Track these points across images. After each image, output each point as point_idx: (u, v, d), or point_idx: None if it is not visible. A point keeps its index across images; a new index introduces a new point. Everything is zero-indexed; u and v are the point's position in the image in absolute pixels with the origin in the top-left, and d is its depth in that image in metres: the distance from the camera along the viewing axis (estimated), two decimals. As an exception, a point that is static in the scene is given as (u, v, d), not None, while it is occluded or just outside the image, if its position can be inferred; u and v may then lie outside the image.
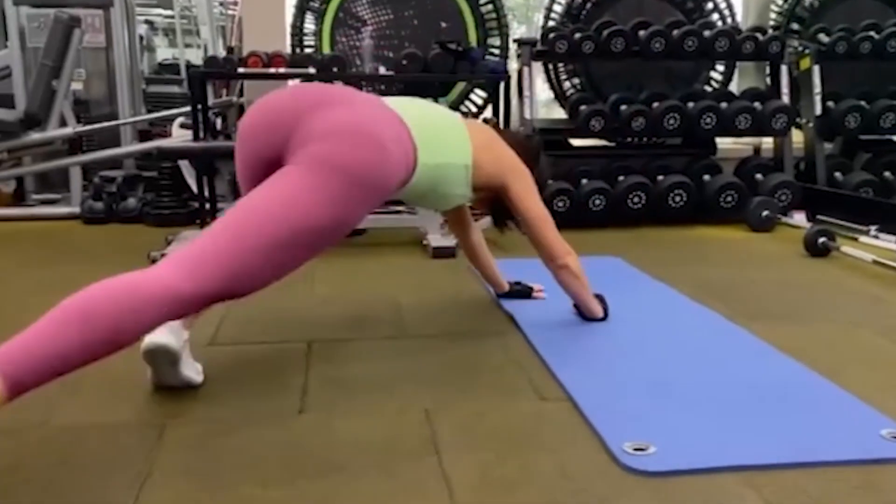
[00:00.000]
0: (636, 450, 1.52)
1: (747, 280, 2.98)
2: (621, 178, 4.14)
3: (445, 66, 4.11)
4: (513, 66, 4.51)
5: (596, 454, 1.53)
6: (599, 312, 2.36)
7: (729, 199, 4.10)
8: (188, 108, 4.17)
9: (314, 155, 1.69)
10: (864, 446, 1.54)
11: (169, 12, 10.35)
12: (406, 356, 2.12)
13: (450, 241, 3.38)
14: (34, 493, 1.38)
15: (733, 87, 5.02)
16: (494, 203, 2.31)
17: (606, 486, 1.41)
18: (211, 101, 4.35)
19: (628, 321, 2.37)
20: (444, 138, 2.04)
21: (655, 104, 4.23)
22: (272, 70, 4.01)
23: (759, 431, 1.61)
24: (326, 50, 4.47)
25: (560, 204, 3.98)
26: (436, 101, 4.14)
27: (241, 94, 4.63)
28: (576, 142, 4.60)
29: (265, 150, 1.79)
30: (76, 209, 4.28)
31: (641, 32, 4.23)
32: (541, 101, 5.40)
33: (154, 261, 3.22)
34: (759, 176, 4.30)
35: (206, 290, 1.53)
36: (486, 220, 2.53)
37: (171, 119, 4.60)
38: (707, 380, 1.90)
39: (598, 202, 4.02)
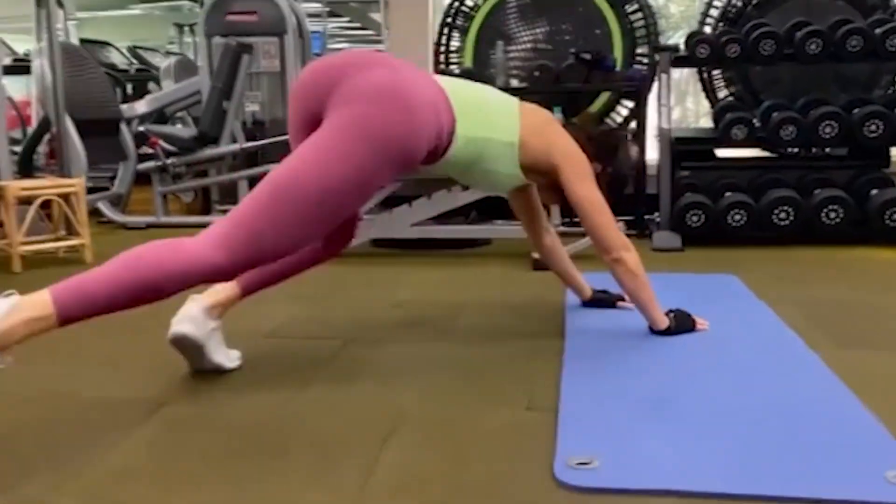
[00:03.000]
0: (580, 464, 1.41)
1: (868, 305, 2.62)
2: (770, 191, 3.81)
3: (578, 75, 4.04)
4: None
5: (539, 467, 1.44)
6: (661, 321, 2.19)
7: (896, 216, 3.62)
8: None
9: (346, 116, 1.75)
10: (854, 486, 1.32)
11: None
12: (426, 358, 2.12)
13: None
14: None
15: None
16: (559, 189, 2.18)
17: (523, 496, 1.33)
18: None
19: (689, 340, 2.18)
20: (488, 113, 2.02)
21: (813, 111, 3.84)
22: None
23: (732, 458, 1.43)
24: (470, 64, 4.55)
25: (694, 218, 3.74)
26: (574, 114, 4.09)
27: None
28: (727, 153, 4.29)
29: (312, 105, 1.84)
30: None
31: (797, 33, 3.87)
32: (703, 110, 5.09)
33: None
34: (942, 190, 3.75)
35: (238, 261, 1.69)
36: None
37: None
38: (723, 405, 1.70)
39: (737, 217, 3.72)
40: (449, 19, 4.60)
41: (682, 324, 2.22)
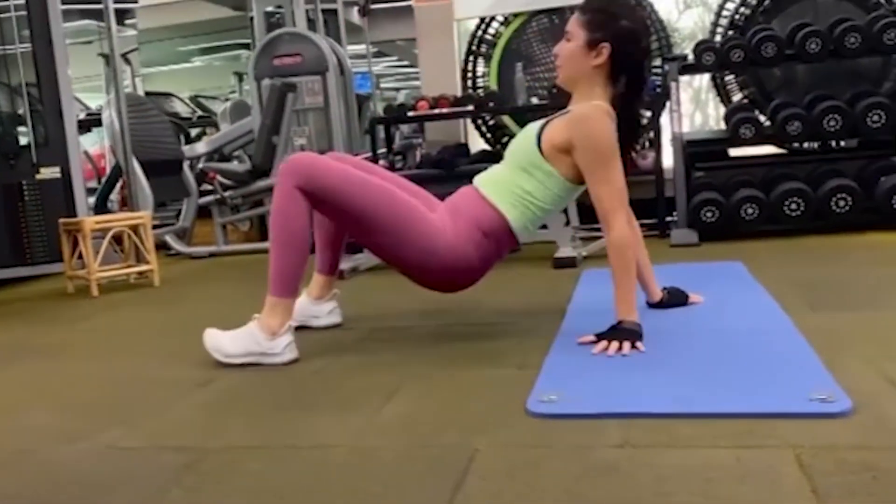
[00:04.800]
0: (548, 399, 1.70)
1: (854, 278, 2.82)
2: (781, 185, 4.01)
3: (593, 90, 4.32)
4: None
5: (517, 406, 1.72)
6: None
7: (903, 200, 3.78)
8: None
9: None
10: (779, 403, 1.58)
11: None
12: (438, 336, 2.44)
13: (572, 252, 3.58)
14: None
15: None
16: None
17: (496, 424, 1.62)
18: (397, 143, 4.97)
19: (679, 311, 2.45)
20: None
21: (818, 106, 4.04)
22: (437, 111, 4.52)
23: (676, 388, 1.71)
24: (495, 87, 4.89)
25: (708, 214, 3.96)
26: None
27: (422, 134, 5.22)
28: (742, 153, 4.50)
29: None
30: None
31: (798, 35, 4.08)
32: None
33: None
34: (952, 174, 3.89)
35: None
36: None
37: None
38: (687, 355, 1.98)
39: (750, 211, 3.93)
40: (473, 47, 4.96)
41: (674, 297, 2.48)
